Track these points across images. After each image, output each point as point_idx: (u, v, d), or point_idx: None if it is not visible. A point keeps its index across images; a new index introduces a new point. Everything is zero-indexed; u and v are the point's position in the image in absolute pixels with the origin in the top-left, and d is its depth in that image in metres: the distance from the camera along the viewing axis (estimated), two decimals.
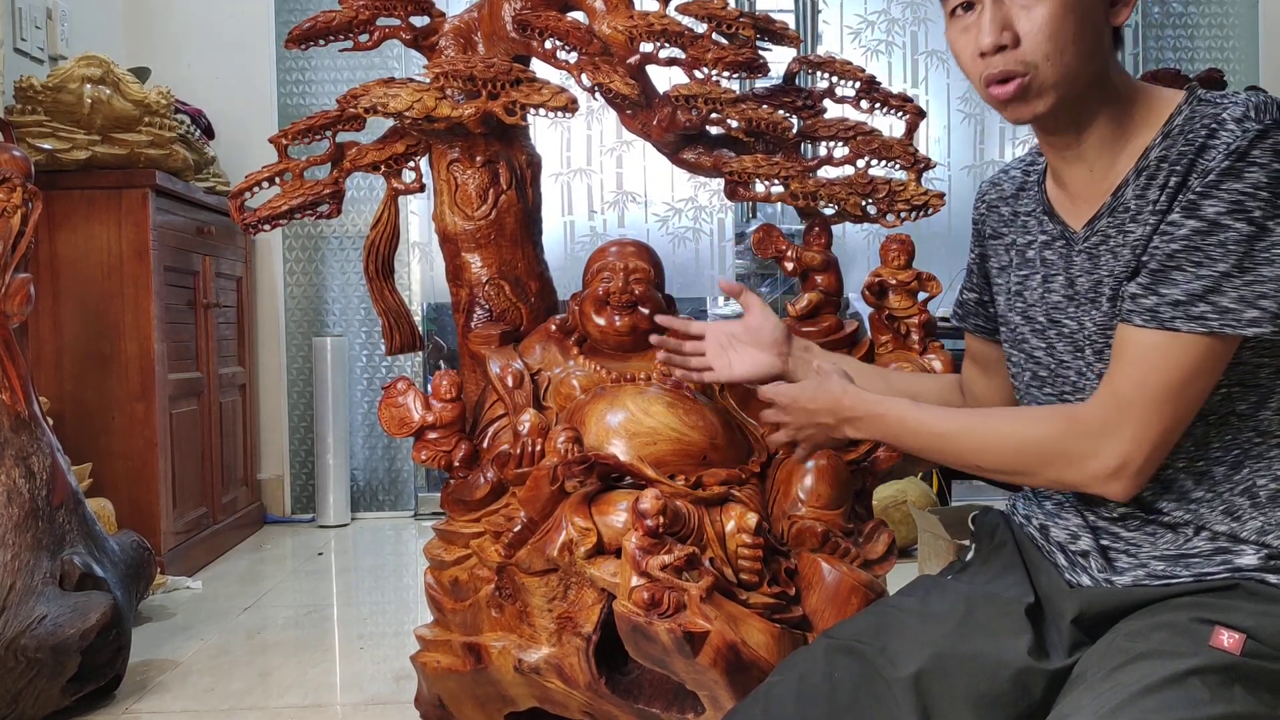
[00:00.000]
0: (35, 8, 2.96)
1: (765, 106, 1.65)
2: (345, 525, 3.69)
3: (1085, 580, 1.07)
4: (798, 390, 1.27)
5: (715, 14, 1.63)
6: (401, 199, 1.81)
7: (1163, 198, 0.98)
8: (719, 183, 1.88)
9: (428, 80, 1.62)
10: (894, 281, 1.66)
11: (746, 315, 1.42)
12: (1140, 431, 0.97)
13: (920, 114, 1.74)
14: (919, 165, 1.69)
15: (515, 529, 1.49)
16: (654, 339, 1.53)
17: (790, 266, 1.71)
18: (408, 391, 1.62)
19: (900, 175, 1.69)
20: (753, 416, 1.62)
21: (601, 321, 1.64)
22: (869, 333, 1.69)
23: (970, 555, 1.22)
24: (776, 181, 1.66)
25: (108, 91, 2.70)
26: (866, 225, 1.90)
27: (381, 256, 1.82)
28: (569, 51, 1.65)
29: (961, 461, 1.11)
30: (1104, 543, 1.07)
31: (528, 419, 1.54)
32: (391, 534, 3.60)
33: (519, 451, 1.52)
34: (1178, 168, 0.98)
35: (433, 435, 1.62)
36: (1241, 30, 4.03)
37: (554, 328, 1.72)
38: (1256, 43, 3.99)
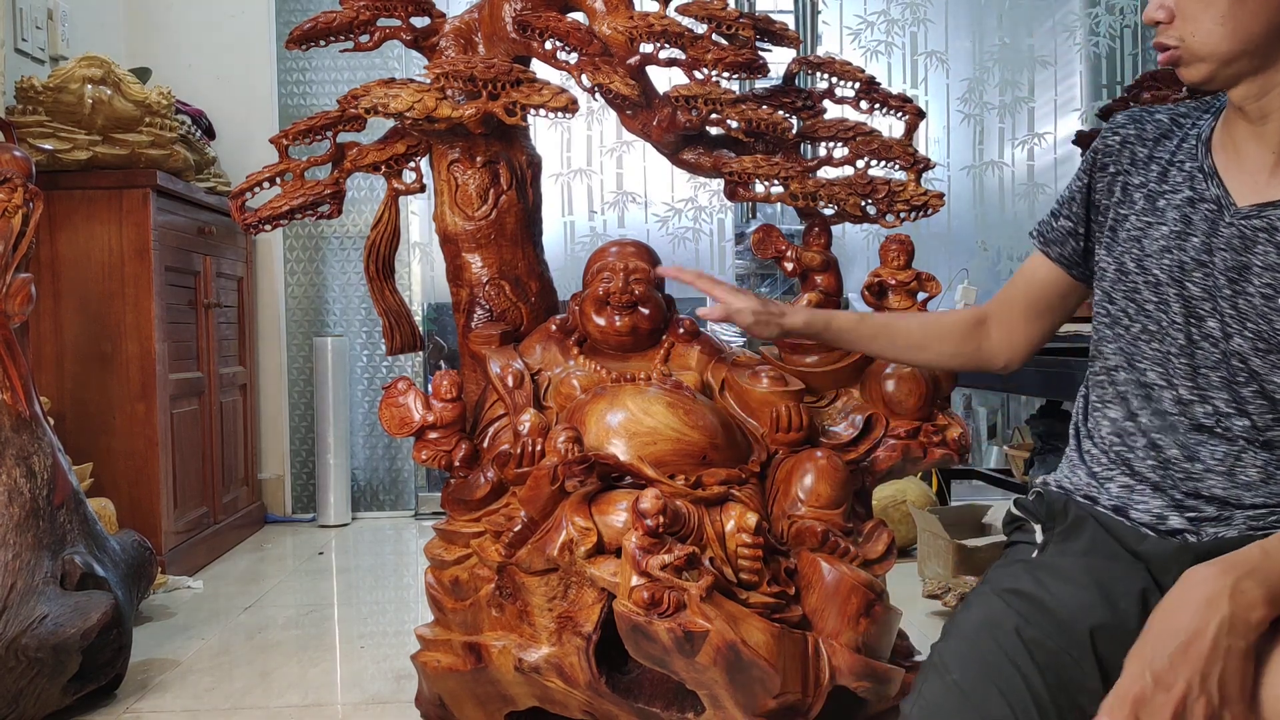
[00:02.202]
0: (36, 8, 2.96)
1: (765, 107, 1.65)
2: (346, 525, 3.69)
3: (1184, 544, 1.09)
4: (1156, 627, 0.90)
5: (715, 15, 1.63)
6: (402, 199, 1.81)
7: None
8: (719, 183, 1.88)
9: (428, 81, 1.62)
10: (893, 281, 1.66)
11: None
12: None
13: (920, 114, 1.74)
14: (918, 165, 1.69)
15: (515, 529, 1.49)
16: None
17: (790, 267, 1.71)
18: (408, 391, 1.63)
19: (900, 175, 1.70)
20: (754, 417, 1.62)
21: (601, 321, 1.65)
22: None
23: (1041, 538, 1.18)
24: (776, 182, 1.66)
25: (109, 92, 2.71)
26: (866, 225, 1.90)
27: (382, 257, 1.82)
28: (569, 52, 1.65)
29: None
30: (1191, 516, 1.08)
31: (528, 419, 1.54)
32: (392, 534, 3.60)
33: (519, 451, 1.52)
34: None
35: (433, 435, 1.62)
36: None
37: (554, 328, 1.72)
38: None
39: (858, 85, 1.73)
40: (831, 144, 1.73)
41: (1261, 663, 0.92)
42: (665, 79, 1.69)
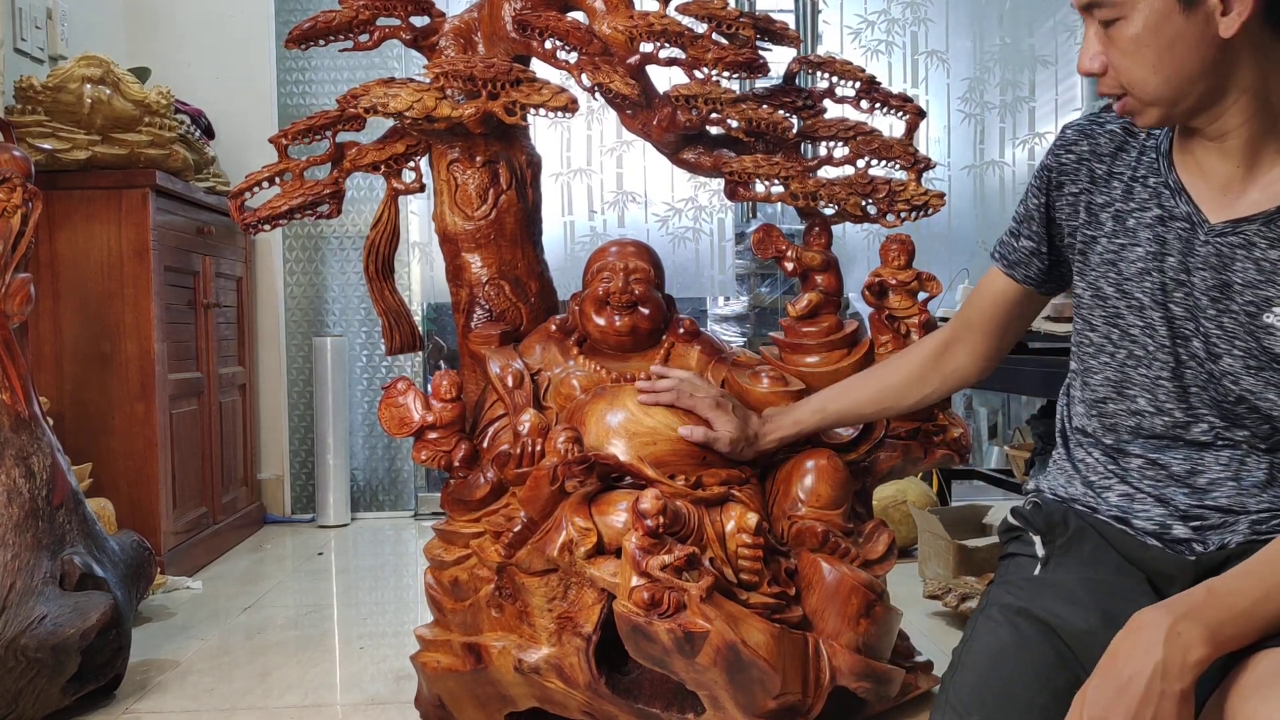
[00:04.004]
0: (35, 8, 2.96)
1: (765, 106, 1.65)
2: (345, 525, 3.69)
3: (1190, 556, 1.09)
4: (1101, 669, 0.93)
5: (715, 14, 1.63)
6: (401, 199, 1.81)
7: None
8: (719, 183, 1.88)
9: (428, 80, 1.62)
10: (894, 281, 1.66)
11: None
12: None
13: (920, 114, 1.74)
14: (919, 165, 1.69)
15: (515, 529, 1.49)
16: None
17: (790, 266, 1.71)
18: (408, 391, 1.62)
19: (900, 175, 1.69)
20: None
21: (601, 321, 1.65)
22: (869, 333, 1.69)
23: (1042, 551, 1.17)
24: (776, 181, 1.66)
25: (108, 91, 2.70)
26: (866, 225, 1.90)
27: (381, 256, 1.82)
28: (569, 51, 1.65)
29: None
30: (1196, 525, 1.08)
31: (528, 419, 1.54)
32: (391, 534, 3.60)
33: (519, 451, 1.52)
34: None
35: (433, 435, 1.62)
36: None
37: (554, 328, 1.72)
38: None
39: (858, 85, 1.73)
40: (832, 144, 1.73)
41: (1228, 687, 0.93)
42: (665, 79, 1.69)
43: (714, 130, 1.68)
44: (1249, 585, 0.94)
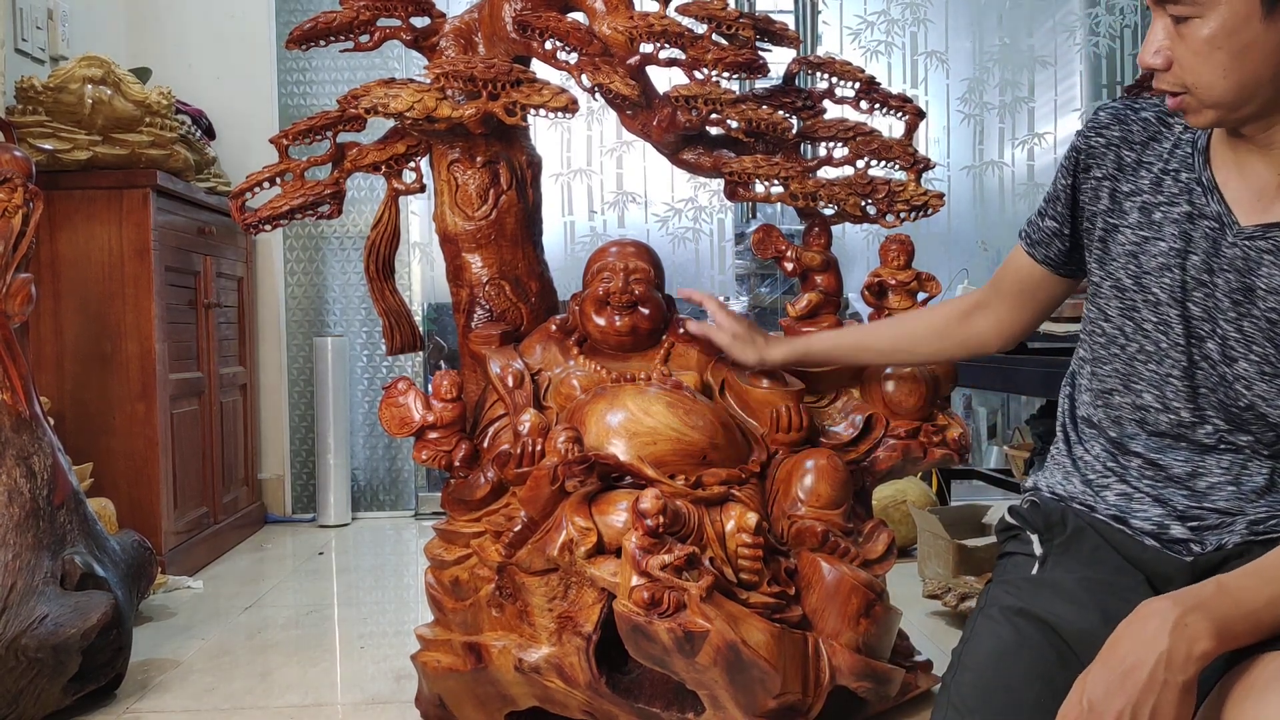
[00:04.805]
0: (37, 8, 2.96)
1: (765, 107, 1.65)
2: (346, 525, 3.69)
3: (1187, 556, 1.09)
4: (1104, 655, 0.93)
5: (715, 15, 1.63)
6: (402, 199, 1.82)
7: None
8: (719, 183, 1.88)
9: (428, 81, 1.62)
10: (893, 282, 1.66)
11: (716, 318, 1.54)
12: None
13: (920, 114, 1.74)
14: (918, 166, 1.69)
15: (515, 529, 1.49)
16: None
17: (790, 267, 1.71)
18: (408, 391, 1.63)
19: (900, 175, 1.70)
20: (754, 417, 1.62)
21: (601, 322, 1.65)
22: None
23: (1040, 550, 1.17)
24: (776, 182, 1.66)
25: (109, 92, 2.71)
26: (866, 225, 1.91)
27: (382, 257, 1.82)
28: (569, 52, 1.65)
29: None
30: (1194, 525, 1.08)
31: (528, 419, 1.54)
32: (392, 534, 3.60)
33: (519, 451, 1.52)
34: None
35: (433, 435, 1.62)
36: None
37: (554, 328, 1.72)
38: None
39: (858, 85, 1.73)
40: (831, 144, 1.73)
41: (1227, 687, 0.93)
42: (665, 79, 1.69)
43: (714, 131, 1.68)
44: (1259, 585, 0.93)
